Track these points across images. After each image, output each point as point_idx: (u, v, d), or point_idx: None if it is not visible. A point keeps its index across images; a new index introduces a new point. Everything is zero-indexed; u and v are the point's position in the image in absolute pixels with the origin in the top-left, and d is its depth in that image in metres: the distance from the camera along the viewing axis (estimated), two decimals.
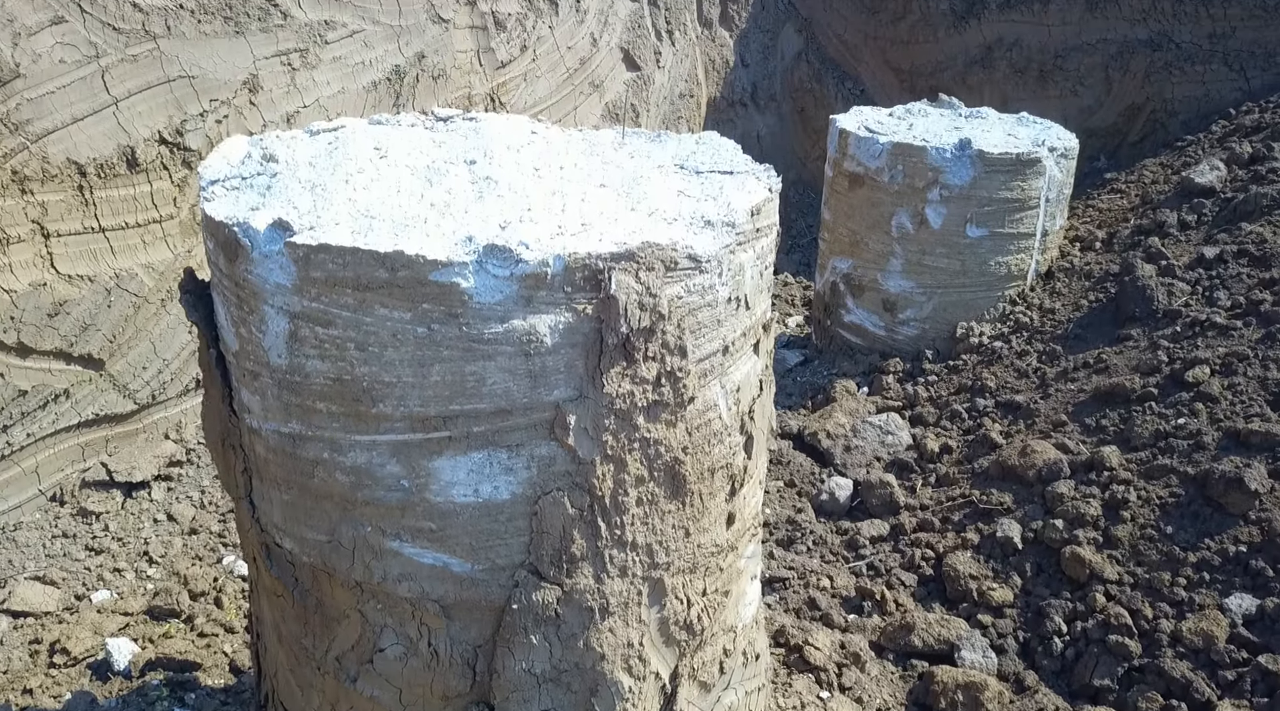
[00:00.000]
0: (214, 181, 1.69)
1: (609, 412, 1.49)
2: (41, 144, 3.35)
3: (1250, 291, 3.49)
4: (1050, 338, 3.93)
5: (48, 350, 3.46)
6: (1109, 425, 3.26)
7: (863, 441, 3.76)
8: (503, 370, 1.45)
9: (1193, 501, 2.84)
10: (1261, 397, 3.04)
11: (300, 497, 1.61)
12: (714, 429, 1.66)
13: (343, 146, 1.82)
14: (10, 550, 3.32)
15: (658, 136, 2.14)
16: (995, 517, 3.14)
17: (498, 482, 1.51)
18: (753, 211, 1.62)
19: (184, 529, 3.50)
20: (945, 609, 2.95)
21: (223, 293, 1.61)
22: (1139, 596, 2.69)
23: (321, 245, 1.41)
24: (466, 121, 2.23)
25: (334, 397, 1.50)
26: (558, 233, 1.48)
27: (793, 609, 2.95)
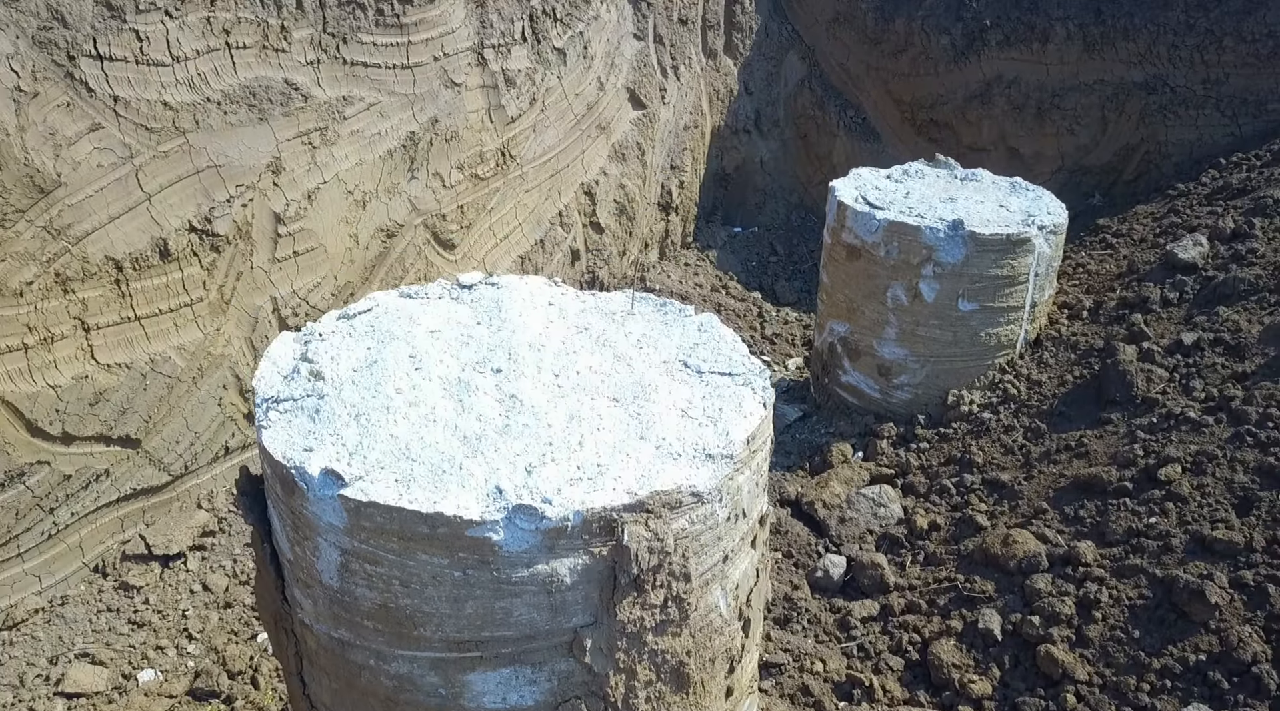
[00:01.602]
0: (267, 400, 1.89)
1: (621, 635, 1.70)
2: (81, 246, 3.54)
3: (1223, 384, 3.68)
4: (1035, 413, 4.13)
5: (89, 435, 3.68)
6: (1086, 517, 3.48)
7: (856, 513, 3.98)
8: (528, 604, 1.66)
9: (1160, 605, 3.05)
10: (1227, 501, 3.25)
11: (347, 690, 1.84)
12: (715, 626, 1.87)
13: (380, 357, 2.01)
14: (60, 626, 3.56)
15: (663, 310, 2.33)
16: (978, 604, 3.36)
17: (523, 692, 1.73)
18: (749, 439, 1.82)
19: (219, 602, 3.73)
20: (929, 695, 3.19)
21: (280, 514, 1.82)
22: (1106, 699, 2.91)
23: (370, 502, 1.61)
24: (488, 287, 2.43)
25: (380, 618, 1.71)
26: (576, 476, 1.68)
27: (787, 695, 3.18)
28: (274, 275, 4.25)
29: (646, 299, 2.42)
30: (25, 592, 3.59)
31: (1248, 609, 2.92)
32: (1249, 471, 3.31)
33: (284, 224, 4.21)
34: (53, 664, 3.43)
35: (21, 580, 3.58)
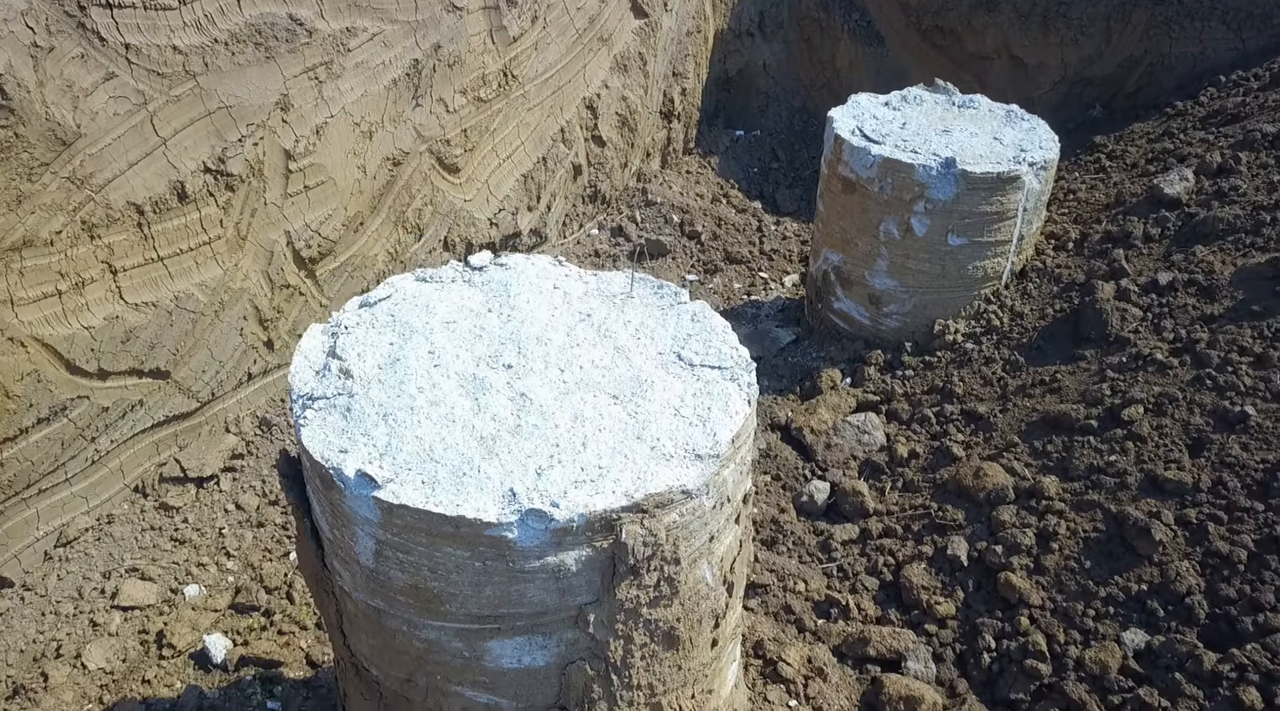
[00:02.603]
0: (303, 398, 2.12)
1: (620, 610, 1.98)
2: (104, 193, 3.69)
3: (1192, 326, 3.88)
4: (1015, 345, 4.35)
5: (123, 370, 3.92)
6: (1053, 452, 3.75)
7: (842, 440, 4.26)
8: (539, 588, 1.93)
9: (1111, 538, 3.36)
10: (1182, 442, 3.51)
11: (384, 647, 2.14)
12: (702, 594, 2.15)
13: (402, 355, 2.23)
14: (109, 544, 3.90)
15: (660, 293, 2.53)
16: (948, 532, 3.67)
17: (535, 655, 2.03)
18: (734, 439, 2.06)
19: (252, 521, 4.06)
20: (900, 613, 3.53)
21: (319, 502, 2.07)
22: (1055, 622, 3.25)
23: (401, 505, 1.86)
24: (497, 269, 2.62)
25: (411, 595, 1.99)
26: (580, 478, 1.92)
27: (771, 612, 3.53)
28: (286, 210, 4.39)
29: (645, 280, 2.61)
30: (75, 513, 3.91)
31: (1188, 545, 3.22)
32: (1205, 414, 3.55)
33: (294, 160, 4.33)
34: (106, 578, 3.78)
35: (70, 502, 3.89)
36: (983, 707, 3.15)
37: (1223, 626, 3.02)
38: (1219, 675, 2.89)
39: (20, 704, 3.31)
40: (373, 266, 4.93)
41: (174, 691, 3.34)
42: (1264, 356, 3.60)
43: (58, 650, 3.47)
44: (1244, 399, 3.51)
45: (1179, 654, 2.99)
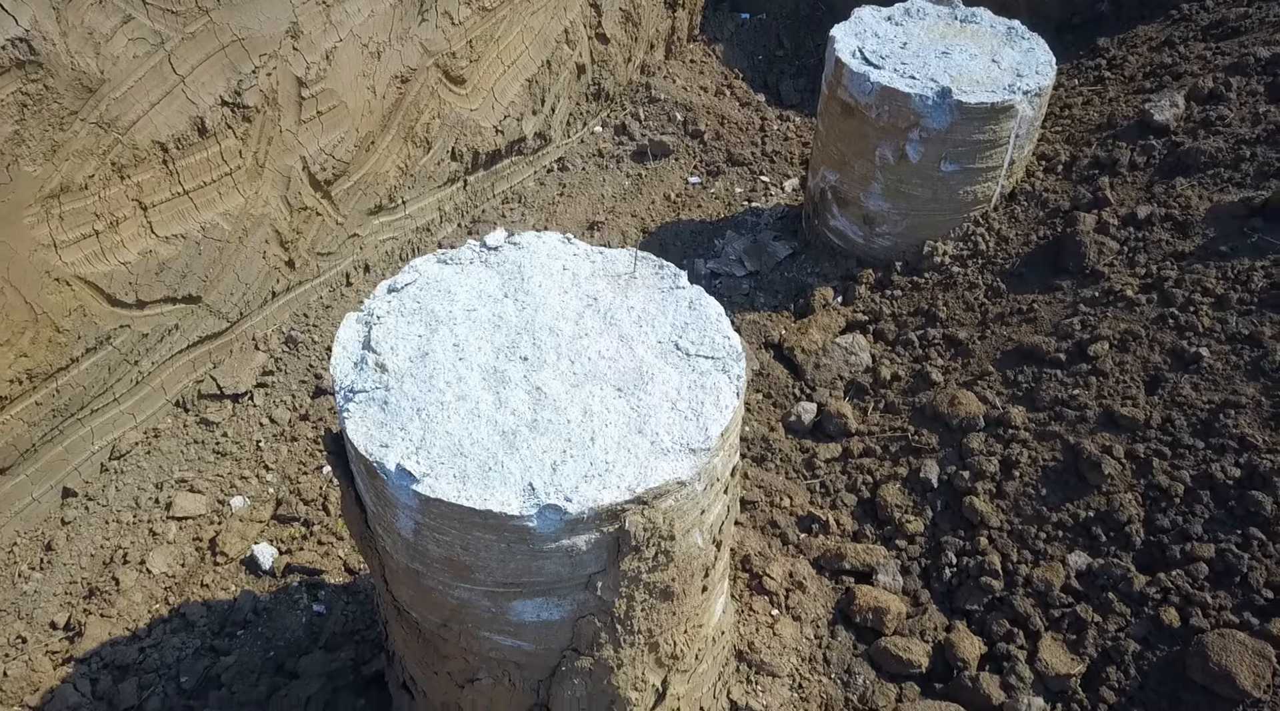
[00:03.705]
0: (344, 390, 2.41)
1: (623, 577, 2.34)
2: (130, 134, 3.85)
3: (1162, 263, 4.11)
4: (999, 271, 4.58)
5: (158, 299, 4.19)
6: (1023, 382, 4.06)
7: (830, 360, 4.56)
8: (555, 563, 2.28)
9: (1066, 468, 3.71)
10: (1140, 379, 3.81)
11: (422, 599, 2.51)
12: (694, 555, 2.51)
13: (430, 349, 2.50)
14: (158, 457, 4.28)
15: (660, 274, 2.78)
16: (922, 455, 4.03)
17: (551, 612, 2.40)
18: (723, 433, 2.36)
19: (286, 435, 4.43)
20: (874, 528, 3.94)
21: (364, 482, 2.40)
22: (1010, 543, 3.65)
23: (436, 499, 2.19)
24: (511, 248, 2.86)
25: (445, 564, 2.35)
26: (590, 473, 2.24)
27: (759, 527, 3.94)
28: (301, 136, 4.54)
29: (646, 259, 2.85)
30: (124, 429, 4.28)
31: (1133, 477, 3.58)
32: (1164, 352, 3.84)
33: (306, 87, 4.45)
34: (159, 489, 4.18)
35: (120, 419, 4.25)
36: (941, 616, 3.59)
37: (1154, 552, 3.41)
38: (1145, 596, 3.31)
39: (97, 603, 3.76)
40: (384, 182, 5.11)
41: (230, 594, 3.79)
42: (1224, 299, 3.85)
43: (124, 556, 3.90)
44: (1201, 339, 3.79)
45: (1114, 576, 3.39)
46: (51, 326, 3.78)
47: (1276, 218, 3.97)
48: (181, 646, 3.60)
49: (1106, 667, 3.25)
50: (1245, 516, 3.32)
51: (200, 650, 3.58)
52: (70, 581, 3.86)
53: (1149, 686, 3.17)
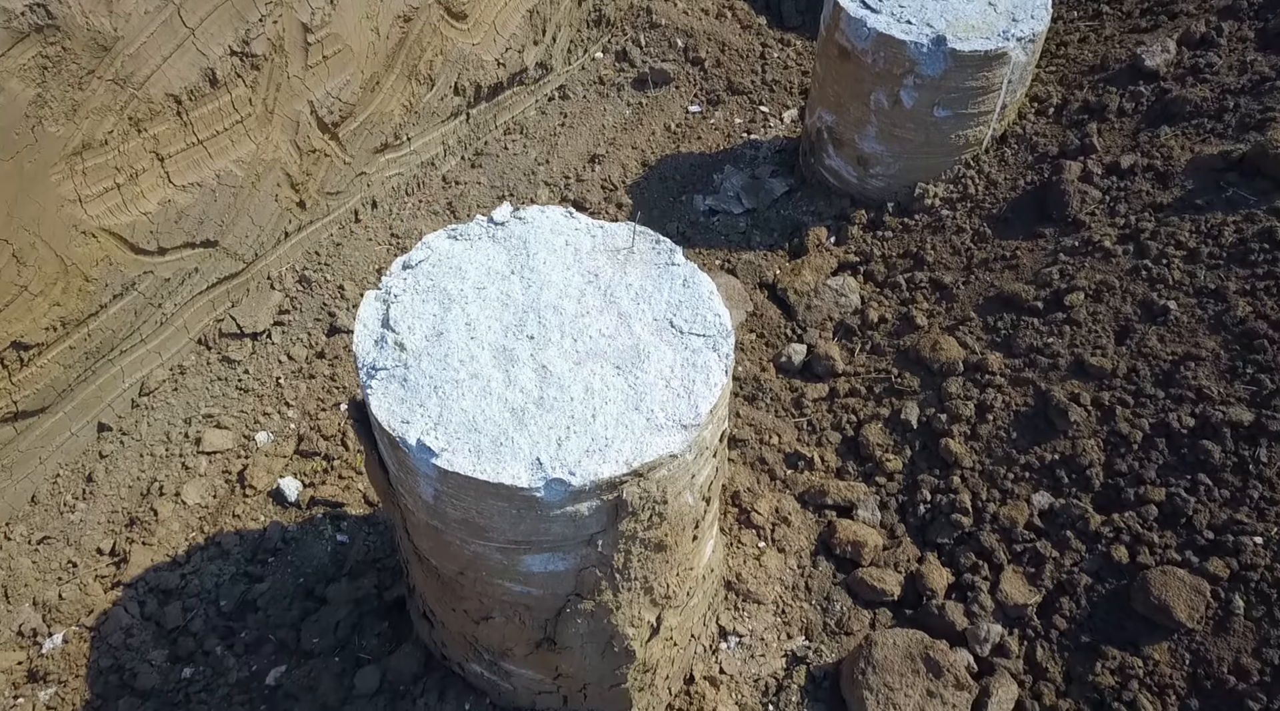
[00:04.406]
0: (366, 367, 2.65)
1: (621, 535, 2.63)
2: (145, 89, 3.97)
3: (1141, 214, 4.27)
4: (985, 216, 4.74)
5: (178, 245, 4.38)
6: (1002, 329, 4.28)
7: (821, 302, 4.78)
8: (560, 525, 2.56)
9: (1037, 414, 3.97)
10: (1111, 329, 4.03)
11: (440, 550, 2.81)
12: (684, 512, 2.79)
13: (444, 329, 2.72)
14: (185, 394, 4.55)
15: (656, 249, 2.98)
16: (904, 397, 4.29)
17: (557, 564, 2.70)
18: (712, 409, 2.60)
19: (304, 372, 4.68)
20: (856, 465, 4.23)
21: (387, 451, 2.66)
22: (981, 482, 3.94)
23: (454, 472, 2.45)
24: (517, 223, 3.05)
25: (461, 524, 2.63)
26: (591, 448, 2.49)
27: (749, 463, 4.23)
28: (308, 81, 4.64)
29: (644, 233, 3.05)
30: (152, 366, 4.53)
31: (1098, 424, 3.84)
32: (1135, 304, 4.05)
33: (311, 32, 4.53)
34: (188, 424, 4.46)
35: (147, 358, 4.50)
36: (914, 549, 3.91)
37: (1111, 495, 3.70)
38: (1100, 534, 3.61)
39: (139, 532, 4.09)
40: (390, 121, 5.22)
41: (260, 524, 4.11)
42: (1195, 252, 4.04)
43: (160, 489, 4.21)
44: (1170, 292, 3.99)
45: (1073, 515, 3.70)
46: (81, 276, 3.99)
47: (1252, 173, 4.11)
48: (219, 573, 3.94)
49: (1060, 598, 3.58)
50: (1195, 463, 3.59)
51: (236, 576, 3.92)
52: (112, 511, 4.18)
53: (1097, 616, 3.50)
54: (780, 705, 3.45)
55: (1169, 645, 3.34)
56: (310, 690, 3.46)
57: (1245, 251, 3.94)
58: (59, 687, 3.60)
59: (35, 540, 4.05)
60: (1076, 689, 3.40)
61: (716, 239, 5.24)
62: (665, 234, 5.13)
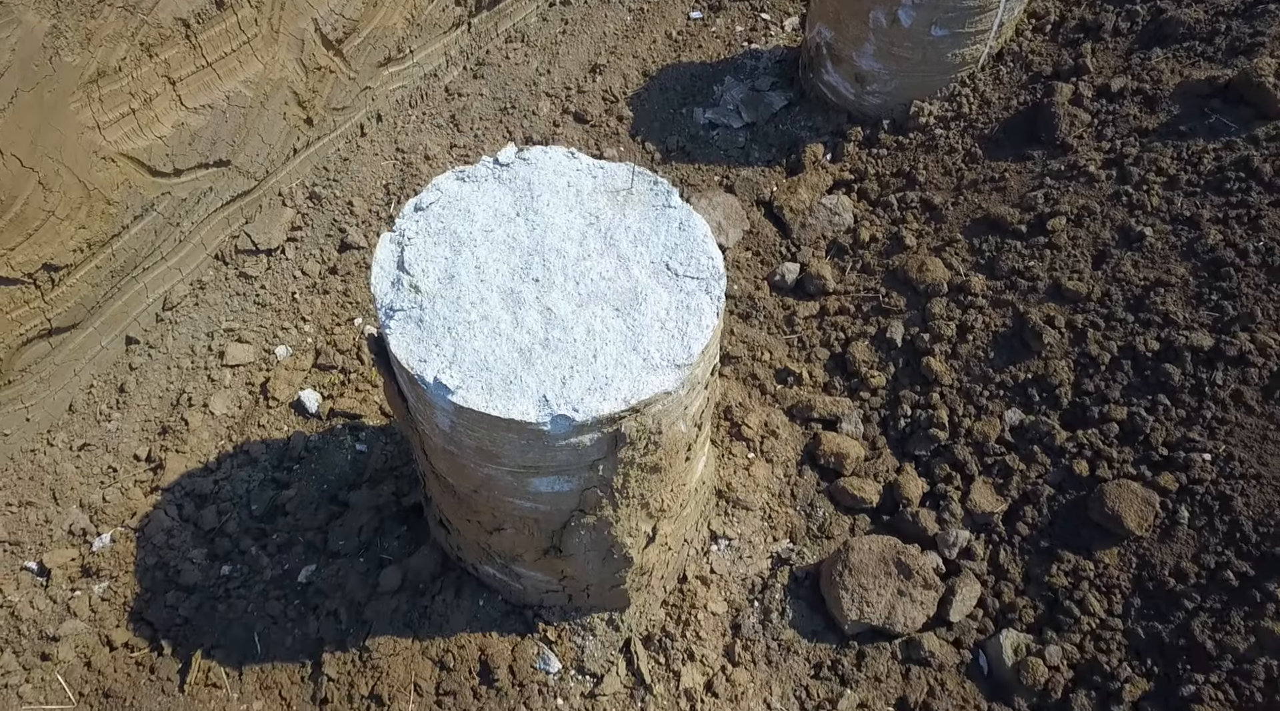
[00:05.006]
0: (384, 308, 2.87)
1: (619, 461, 2.90)
2: (154, 14, 4.06)
3: (1126, 138, 4.40)
4: (978, 135, 4.86)
5: (193, 166, 4.53)
6: (986, 251, 4.46)
7: (815, 220, 4.94)
8: (565, 454, 2.83)
9: (1014, 335, 4.21)
10: (1089, 254, 4.22)
11: (456, 471, 3.09)
12: (678, 439, 3.06)
13: (456, 272, 2.93)
14: (206, 308, 4.78)
15: (654, 190, 3.16)
16: (890, 316, 4.52)
17: (562, 485, 2.99)
18: (703, 350, 2.84)
19: (318, 287, 4.89)
20: (843, 381, 4.49)
21: (405, 386, 2.91)
22: (958, 399, 4.21)
23: (468, 408, 2.70)
24: (521, 164, 3.23)
25: (475, 451, 2.90)
26: (593, 386, 2.74)
27: (741, 379, 4.49)
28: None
29: (642, 175, 3.22)
30: (173, 282, 4.74)
31: (1070, 345, 4.08)
32: (1114, 229, 4.23)
33: None
34: (210, 338, 4.71)
35: (168, 274, 4.71)
36: (893, 460, 4.21)
37: (1077, 413, 3.97)
38: (1064, 449, 3.90)
39: (172, 440, 4.39)
40: (392, 34, 5.27)
41: (284, 434, 4.41)
42: (1174, 179, 4.18)
43: (189, 399, 4.49)
44: (1147, 219, 4.16)
45: (1040, 431, 3.98)
46: (103, 200, 4.16)
47: (1235, 100, 4.22)
48: (248, 479, 4.25)
49: (1024, 507, 3.89)
50: (1157, 385, 3.85)
51: (264, 482, 4.24)
52: (145, 420, 4.47)
53: (1056, 524, 3.82)
54: (765, 602, 3.81)
55: (1118, 550, 3.66)
56: (339, 587, 3.82)
57: (1221, 180, 4.09)
58: (111, 582, 3.97)
59: (76, 446, 4.36)
60: (1033, 588, 3.75)
61: (716, 154, 5.36)
62: (665, 148, 5.28)
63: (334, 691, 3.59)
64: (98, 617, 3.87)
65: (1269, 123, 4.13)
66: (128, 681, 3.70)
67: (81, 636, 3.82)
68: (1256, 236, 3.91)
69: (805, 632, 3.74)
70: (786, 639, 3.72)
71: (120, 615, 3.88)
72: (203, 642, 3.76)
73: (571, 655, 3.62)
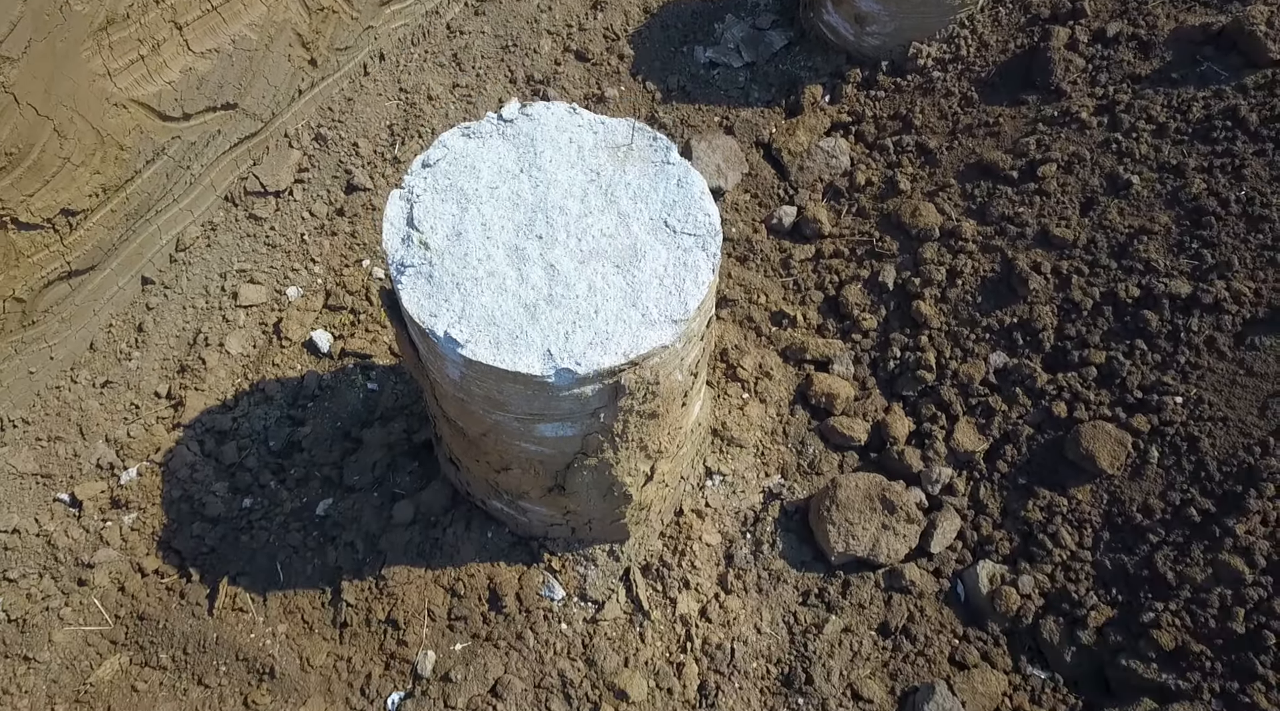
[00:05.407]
0: (395, 264, 3.02)
1: (619, 409, 3.09)
2: None
3: (1119, 85, 4.46)
4: (974, 79, 4.91)
5: (201, 109, 4.62)
6: (978, 196, 4.58)
7: (813, 163, 5.04)
8: (568, 403, 3.01)
9: (1002, 280, 4.35)
10: (1077, 201, 4.33)
11: (466, 416, 3.28)
12: (674, 387, 3.24)
13: (463, 229, 3.06)
14: (218, 250, 4.91)
15: (654, 146, 3.27)
16: (883, 260, 4.65)
17: (567, 430, 3.18)
18: (699, 306, 2.99)
19: (326, 229, 5.02)
20: (835, 323, 4.65)
21: (417, 337, 3.08)
22: (946, 342, 4.37)
23: (476, 361, 2.87)
24: (524, 119, 3.34)
25: (484, 399, 3.09)
26: (594, 341, 2.90)
27: (737, 321, 4.66)
28: None
29: (642, 130, 3.33)
30: (185, 223, 4.87)
31: (1054, 291, 4.22)
32: (1102, 176, 4.33)
33: None
34: (224, 278, 4.86)
35: (180, 215, 4.83)
36: (882, 400, 4.40)
37: (1059, 356, 4.14)
38: (1044, 391, 4.08)
39: (190, 379, 4.58)
40: None
41: (298, 373, 4.60)
42: (1163, 127, 4.27)
43: (205, 339, 4.66)
44: (1135, 167, 4.27)
45: (1023, 374, 4.15)
46: (116, 146, 4.27)
47: (1228, 47, 4.28)
48: (265, 416, 4.45)
49: (1005, 446, 4.10)
50: (1135, 330, 4.01)
51: (281, 419, 4.44)
52: (164, 359, 4.65)
53: (1034, 462, 4.03)
54: (756, 534, 4.05)
55: (1091, 487, 3.88)
56: (355, 520, 4.05)
57: (1209, 128, 4.18)
58: (139, 513, 4.20)
59: (99, 384, 4.55)
60: (1010, 522, 3.98)
61: (716, 94, 5.42)
62: (666, 88, 5.34)
63: (353, 616, 3.85)
64: (129, 546, 4.12)
65: (1258, 71, 4.20)
66: (160, 605, 3.96)
67: (114, 563, 4.07)
68: (1239, 186, 4.02)
69: (794, 563, 3.98)
70: (776, 569, 3.96)
71: (150, 544, 4.12)
72: (228, 570, 4.01)
73: (574, 583, 3.86)
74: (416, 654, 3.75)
